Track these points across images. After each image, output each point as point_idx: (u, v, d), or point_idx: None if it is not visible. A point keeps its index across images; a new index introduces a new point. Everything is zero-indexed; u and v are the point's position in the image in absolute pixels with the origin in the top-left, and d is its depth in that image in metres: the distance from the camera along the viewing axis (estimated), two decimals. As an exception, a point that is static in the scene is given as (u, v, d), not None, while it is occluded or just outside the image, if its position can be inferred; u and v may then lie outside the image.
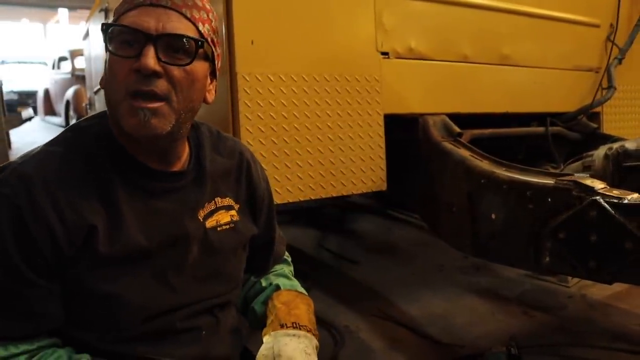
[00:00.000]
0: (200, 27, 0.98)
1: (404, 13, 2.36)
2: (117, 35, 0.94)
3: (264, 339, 1.11)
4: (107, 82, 0.97)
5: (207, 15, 1.01)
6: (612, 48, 3.15)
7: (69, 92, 10.87)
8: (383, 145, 2.30)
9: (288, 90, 2.03)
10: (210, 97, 1.05)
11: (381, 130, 2.29)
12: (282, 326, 1.12)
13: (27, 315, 0.92)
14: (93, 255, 0.94)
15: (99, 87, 4.28)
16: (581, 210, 1.60)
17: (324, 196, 2.15)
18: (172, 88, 0.94)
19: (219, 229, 1.11)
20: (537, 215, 1.74)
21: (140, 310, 0.99)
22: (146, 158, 1.01)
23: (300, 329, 1.12)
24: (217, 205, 1.12)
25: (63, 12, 22.91)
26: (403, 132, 2.44)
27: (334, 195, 2.19)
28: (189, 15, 0.97)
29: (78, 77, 10.69)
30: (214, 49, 1.03)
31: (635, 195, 1.54)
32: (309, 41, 2.10)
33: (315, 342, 1.12)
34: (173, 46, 0.94)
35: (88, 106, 5.18)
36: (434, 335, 2.44)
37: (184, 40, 0.95)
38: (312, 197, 2.12)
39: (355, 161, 2.22)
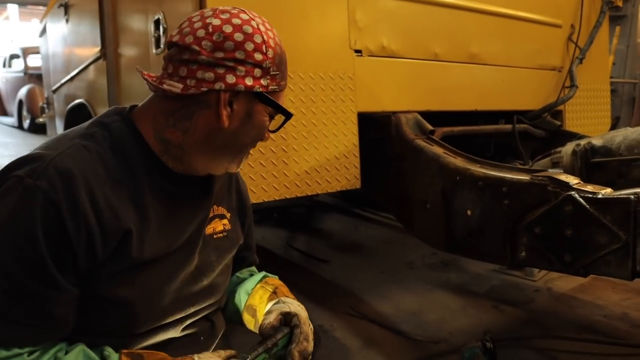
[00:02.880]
0: None
1: (376, 11, 2.37)
2: (273, 109, 0.99)
3: (272, 303, 1.11)
4: (244, 140, 1.00)
5: None
6: (575, 49, 3.24)
7: (22, 92, 10.51)
8: (357, 143, 2.30)
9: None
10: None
11: (355, 129, 2.29)
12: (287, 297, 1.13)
13: (46, 320, 0.86)
14: (123, 260, 0.91)
15: (58, 85, 4.16)
16: (557, 205, 1.63)
17: (299, 195, 2.14)
18: None
19: (215, 236, 1.11)
20: (512, 211, 1.77)
21: (153, 317, 0.97)
22: (170, 162, 1.00)
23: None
24: (214, 213, 1.12)
25: (13, 8, 22.09)
26: (376, 130, 2.44)
27: (309, 193, 2.18)
28: None
29: (32, 76, 10.35)
30: None
31: (609, 190, 1.58)
32: (283, 38, 2.07)
33: None
34: None
35: (46, 106, 5.00)
36: (408, 332, 2.45)
37: None
38: (287, 196, 2.10)
39: (329, 159, 2.21)
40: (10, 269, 0.83)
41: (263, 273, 1.29)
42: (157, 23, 2.18)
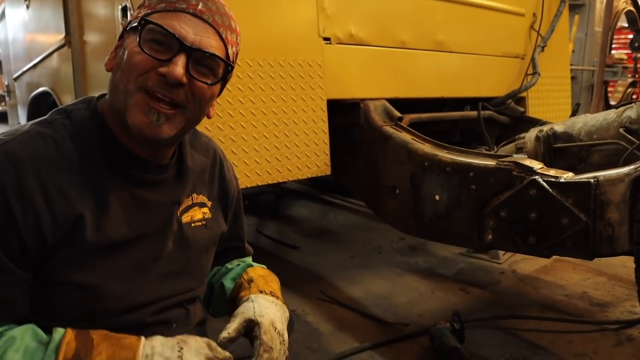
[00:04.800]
0: (229, 50, 0.97)
1: (345, -1, 2.38)
2: (149, 31, 0.90)
3: (242, 302, 1.10)
4: (122, 69, 0.92)
5: (236, 39, 1.00)
6: (537, 37, 3.32)
7: (-22, 79, 10.15)
8: (326, 130, 2.32)
9: (233, 76, 1.99)
10: (213, 111, 1.04)
11: (324, 115, 2.31)
12: (261, 292, 1.13)
13: None
14: (77, 245, 0.90)
15: (19, 73, 4.05)
16: (521, 189, 1.69)
17: (270, 182, 2.15)
18: (191, 99, 0.93)
19: (192, 224, 1.11)
20: (479, 195, 1.82)
21: (116, 303, 0.96)
22: (136, 148, 0.98)
23: (277, 298, 1.14)
24: (193, 202, 1.11)
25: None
26: (345, 117, 2.47)
27: (280, 180, 2.20)
28: (223, 36, 0.95)
29: (-12, 63, 10.00)
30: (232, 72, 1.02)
31: (570, 174, 1.65)
32: (251, 26, 2.07)
33: (287, 314, 1.15)
34: (203, 62, 0.93)
35: (6, 94, 4.86)
36: (379, 315, 2.50)
37: (217, 60, 0.94)
38: (259, 184, 2.12)
39: (299, 146, 2.23)
40: None
41: (247, 263, 1.29)
42: (124, 10, 2.15)
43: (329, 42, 2.33)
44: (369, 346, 2.19)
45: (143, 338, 0.91)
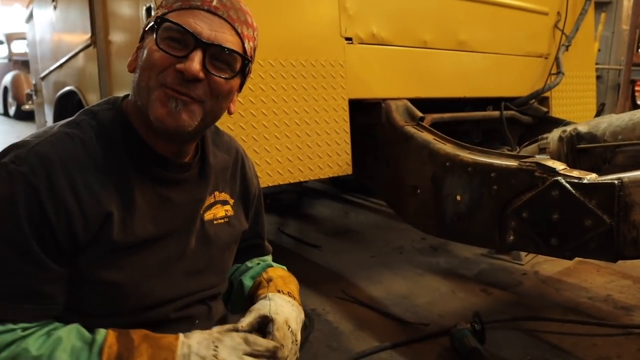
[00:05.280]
0: (246, 44, 0.99)
1: (366, -1, 2.39)
2: (165, 29, 0.93)
3: (259, 299, 1.12)
4: (142, 68, 0.95)
5: (253, 34, 1.02)
6: (561, 36, 3.28)
7: (7, 78, 10.38)
8: (348, 129, 2.33)
9: (255, 75, 2.02)
10: (234, 107, 1.05)
11: (346, 115, 2.32)
12: (279, 292, 1.14)
13: (36, 298, 0.90)
14: (105, 242, 0.93)
15: (46, 72, 4.13)
16: (544, 190, 1.67)
17: (292, 181, 2.17)
18: (209, 94, 0.95)
19: (215, 222, 1.12)
20: (501, 196, 1.81)
21: (141, 300, 0.99)
22: (160, 147, 1.01)
23: (294, 299, 1.16)
24: (216, 199, 1.13)
25: (-5, -7, 21.73)
26: (367, 117, 2.48)
27: (302, 180, 2.21)
28: (239, 31, 0.97)
29: (16, 62, 10.23)
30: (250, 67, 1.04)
31: (594, 175, 1.63)
32: (274, 26, 2.09)
33: (302, 316, 1.16)
34: (220, 57, 0.95)
35: (33, 93, 4.96)
36: (399, 315, 2.50)
37: (233, 55, 0.96)
38: (281, 182, 2.13)
39: (321, 146, 2.24)
40: None
41: (267, 263, 1.31)
42: (148, 11, 2.18)
43: (350, 42, 2.34)
44: (389, 345, 2.19)
45: (181, 337, 0.94)
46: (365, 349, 2.18)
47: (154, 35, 0.93)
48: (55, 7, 3.55)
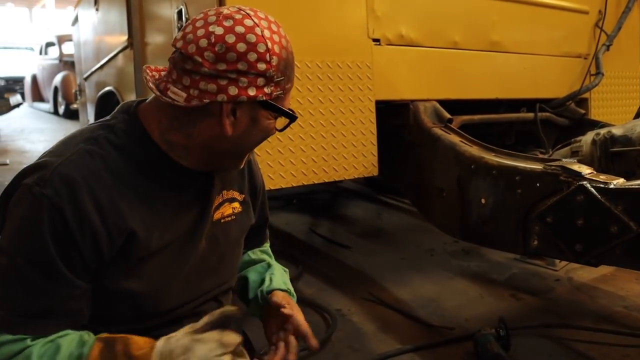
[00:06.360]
0: None
1: (395, -1, 2.37)
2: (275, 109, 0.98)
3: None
4: (249, 142, 1.02)
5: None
6: (600, 35, 3.18)
7: (57, 78, 10.77)
8: (374, 131, 2.32)
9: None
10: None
11: (373, 117, 2.31)
12: None
13: (63, 315, 0.93)
14: (129, 256, 0.96)
15: (89, 73, 4.28)
16: (568, 194, 1.63)
17: (316, 182, 2.18)
18: None
19: (222, 220, 1.14)
20: (525, 200, 1.77)
21: (159, 306, 1.02)
22: (177, 158, 1.02)
23: None
24: (224, 198, 1.15)
25: (49, -4, 22.57)
26: (394, 118, 2.46)
27: (326, 180, 2.22)
28: None
29: (66, 63, 10.60)
30: None
31: (621, 180, 1.58)
32: (301, 27, 2.11)
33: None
34: None
35: (78, 93, 5.14)
36: (425, 318, 2.48)
37: None
38: (305, 183, 2.15)
39: (347, 147, 2.24)
40: (25, 271, 0.89)
41: (267, 262, 1.34)
42: (179, 14, 2.24)
43: (378, 43, 2.33)
44: (411, 348, 2.17)
45: (156, 347, 0.92)
46: (387, 350, 2.17)
47: (272, 117, 1.00)
48: (97, 10, 3.67)
